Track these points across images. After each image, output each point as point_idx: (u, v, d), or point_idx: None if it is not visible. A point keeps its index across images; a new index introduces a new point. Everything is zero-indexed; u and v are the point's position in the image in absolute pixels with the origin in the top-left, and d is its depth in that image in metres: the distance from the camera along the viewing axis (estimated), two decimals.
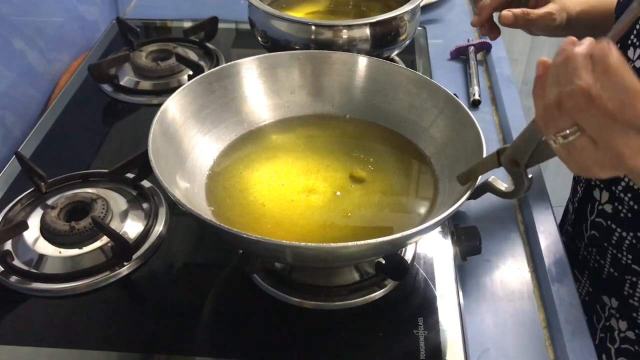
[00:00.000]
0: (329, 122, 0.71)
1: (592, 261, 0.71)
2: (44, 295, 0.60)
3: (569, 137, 0.39)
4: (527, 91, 1.75)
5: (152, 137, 0.56)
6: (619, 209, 0.65)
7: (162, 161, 0.55)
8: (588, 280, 0.73)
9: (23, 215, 0.67)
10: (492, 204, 0.72)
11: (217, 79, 0.67)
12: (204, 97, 0.66)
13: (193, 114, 0.65)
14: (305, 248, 0.47)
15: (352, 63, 0.70)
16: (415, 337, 0.56)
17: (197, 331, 0.57)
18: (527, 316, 0.60)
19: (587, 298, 0.73)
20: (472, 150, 0.58)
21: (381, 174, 0.64)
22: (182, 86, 0.64)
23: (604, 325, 0.71)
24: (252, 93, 0.70)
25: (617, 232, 0.66)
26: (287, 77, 0.71)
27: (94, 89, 0.90)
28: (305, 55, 0.71)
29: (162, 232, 0.66)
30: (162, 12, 1.13)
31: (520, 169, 0.51)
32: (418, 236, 0.51)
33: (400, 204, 0.62)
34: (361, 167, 0.65)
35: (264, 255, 0.56)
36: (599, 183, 0.68)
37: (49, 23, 0.93)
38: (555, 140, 0.40)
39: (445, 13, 1.14)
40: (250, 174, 0.64)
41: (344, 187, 0.62)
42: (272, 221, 0.59)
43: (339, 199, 0.61)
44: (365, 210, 0.60)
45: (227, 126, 0.68)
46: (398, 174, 0.65)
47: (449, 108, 0.64)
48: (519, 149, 0.50)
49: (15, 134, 0.84)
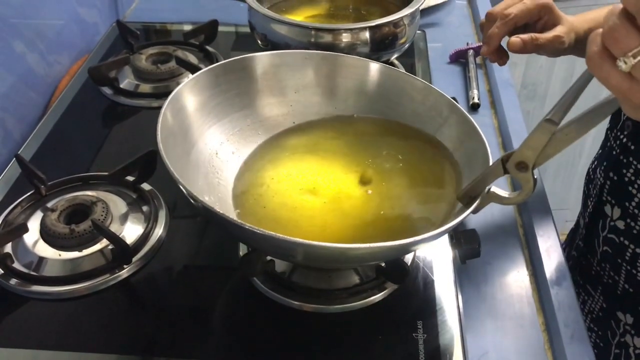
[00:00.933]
0: (334, 125, 0.71)
1: (606, 277, 0.70)
2: (43, 298, 0.60)
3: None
4: (526, 94, 1.76)
5: (160, 129, 0.55)
6: (632, 225, 0.64)
7: (170, 150, 0.54)
8: (602, 295, 0.72)
9: (23, 218, 0.67)
10: (491, 208, 0.72)
11: (225, 72, 0.67)
12: (211, 90, 0.65)
13: (200, 105, 0.64)
14: (317, 247, 0.47)
15: (361, 67, 0.70)
16: (415, 340, 0.56)
17: (196, 334, 0.57)
18: (526, 319, 0.60)
19: (600, 314, 0.73)
20: (477, 161, 0.58)
21: (389, 174, 0.64)
22: (191, 76, 0.63)
23: (619, 341, 0.71)
24: (258, 89, 0.69)
25: (630, 248, 0.65)
26: (294, 76, 0.70)
27: (94, 92, 0.90)
28: (314, 56, 0.71)
29: (162, 235, 0.66)
30: (162, 15, 1.13)
31: (528, 171, 0.51)
32: (424, 243, 0.51)
33: (415, 208, 0.62)
34: (370, 169, 0.65)
35: (274, 254, 0.56)
36: (611, 199, 0.67)
37: (49, 26, 0.93)
38: (625, 61, 0.37)
39: (445, 17, 1.14)
40: (258, 171, 0.64)
41: (349, 191, 0.62)
42: (285, 222, 0.59)
43: (333, 203, 0.61)
44: (374, 216, 0.60)
45: (231, 120, 0.67)
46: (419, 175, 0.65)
47: (454, 118, 0.64)
48: (529, 148, 0.50)
49: (15, 136, 0.84)
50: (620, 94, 0.39)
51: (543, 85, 1.75)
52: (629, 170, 0.64)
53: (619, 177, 0.65)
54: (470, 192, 0.55)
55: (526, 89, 1.76)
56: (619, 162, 0.65)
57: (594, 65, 0.39)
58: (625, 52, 0.37)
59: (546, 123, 0.48)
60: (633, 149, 0.63)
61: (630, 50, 0.37)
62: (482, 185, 0.54)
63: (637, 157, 0.63)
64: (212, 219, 0.52)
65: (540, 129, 0.48)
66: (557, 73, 1.71)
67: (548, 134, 0.48)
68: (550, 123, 0.47)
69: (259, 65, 0.69)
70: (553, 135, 0.48)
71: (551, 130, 0.48)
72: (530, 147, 0.50)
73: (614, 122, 0.68)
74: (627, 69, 0.37)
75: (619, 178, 0.65)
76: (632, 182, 0.63)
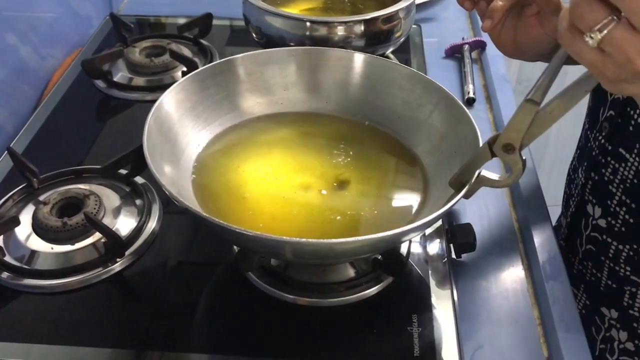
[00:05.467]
0: (322, 119, 0.71)
1: (589, 275, 0.70)
2: (35, 291, 0.59)
3: (607, 27, 0.37)
4: (521, 90, 1.76)
5: (147, 132, 0.56)
6: (613, 223, 0.65)
7: (157, 157, 0.55)
8: (584, 293, 0.73)
9: (15, 211, 0.66)
10: (486, 202, 0.72)
11: (211, 76, 0.67)
12: (198, 94, 0.66)
13: (187, 111, 0.64)
14: (305, 244, 0.47)
15: (347, 59, 0.70)
16: (410, 334, 0.55)
17: (190, 328, 0.57)
18: (521, 313, 0.60)
19: (584, 311, 0.73)
20: (467, 146, 0.58)
21: (368, 171, 0.64)
22: (175, 83, 0.64)
23: (604, 336, 0.71)
24: (246, 89, 0.69)
25: (613, 245, 0.65)
26: (281, 74, 0.70)
27: (87, 85, 0.89)
28: (299, 52, 0.71)
29: (155, 229, 0.66)
30: (156, 9, 1.13)
31: (516, 153, 0.52)
32: (416, 232, 0.52)
33: (390, 202, 0.63)
34: (350, 166, 0.65)
35: (262, 252, 0.56)
36: (592, 198, 0.68)
37: (42, 18, 0.93)
38: (591, 36, 0.38)
39: (440, 11, 1.14)
40: (245, 171, 0.64)
41: (333, 186, 0.62)
42: (267, 217, 0.59)
43: (328, 197, 0.61)
44: (355, 209, 0.60)
45: (221, 123, 0.68)
46: (385, 172, 0.65)
47: (443, 104, 0.64)
48: (514, 130, 0.51)
49: (7, 129, 0.84)
50: (594, 68, 0.39)
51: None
52: (608, 170, 0.64)
53: (600, 177, 0.66)
54: (461, 177, 0.56)
55: (521, 85, 1.76)
56: (599, 162, 0.66)
57: (565, 42, 0.40)
58: (591, 27, 0.37)
59: (527, 103, 0.48)
60: (610, 149, 0.64)
61: (595, 24, 0.37)
62: (472, 169, 0.55)
63: (614, 157, 0.63)
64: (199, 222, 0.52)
65: (522, 110, 0.49)
66: None
67: (531, 114, 0.49)
68: (532, 103, 0.48)
69: (243, 65, 0.69)
70: (536, 114, 0.49)
71: (533, 110, 0.48)
72: (514, 128, 0.50)
73: (592, 124, 0.69)
74: (595, 44, 0.38)
75: (599, 177, 0.66)
76: (612, 181, 0.64)
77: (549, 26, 0.63)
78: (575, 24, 0.39)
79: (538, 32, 0.63)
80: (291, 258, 0.58)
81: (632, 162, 0.61)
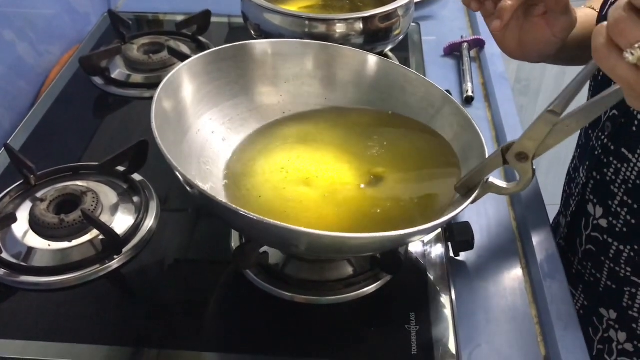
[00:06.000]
0: (327, 115, 0.70)
1: (587, 275, 0.70)
2: (32, 288, 0.59)
3: None
4: (520, 89, 1.76)
5: (154, 115, 0.54)
6: (614, 223, 0.64)
7: (166, 143, 0.53)
8: (582, 294, 0.72)
9: (12, 208, 0.66)
10: (484, 200, 0.72)
11: (217, 60, 0.66)
12: (204, 76, 0.64)
13: (193, 93, 0.63)
14: (323, 237, 0.46)
15: (357, 59, 0.69)
16: (407, 332, 0.55)
17: (187, 325, 0.57)
18: (519, 312, 0.60)
19: (582, 312, 0.73)
20: (472, 153, 0.58)
21: (403, 161, 0.64)
22: (186, 61, 0.62)
23: (602, 337, 0.70)
24: (253, 77, 0.69)
25: (614, 245, 0.65)
26: (288, 66, 0.69)
27: (85, 82, 0.89)
28: (313, 46, 0.70)
29: (153, 226, 0.66)
30: (155, 5, 1.12)
31: (528, 162, 0.52)
32: (424, 234, 0.52)
33: (429, 189, 0.62)
34: (385, 157, 0.64)
35: (274, 244, 0.56)
36: (593, 198, 0.68)
37: (40, 15, 0.92)
38: (632, 53, 0.38)
39: (439, 10, 1.13)
40: (249, 161, 0.63)
41: (370, 179, 0.62)
42: (280, 213, 0.58)
43: (367, 190, 0.61)
44: (395, 199, 0.60)
45: (226, 107, 0.67)
46: (422, 158, 0.64)
47: (447, 110, 0.64)
48: (530, 139, 0.50)
49: (4, 126, 0.83)
50: (626, 85, 0.39)
51: (537, 81, 1.76)
52: (610, 170, 0.64)
53: (601, 177, 0.66)
54: (468, 182, 0.55)
55: (520, 84, 1.76)
56: (601, 162, 0.66)
57: (600, 57, 0.40)
58: (632, 44, 0.37)
59: (549, 114, 0.48)
60: (613, 149, 0.64)
61: (636, 41, 0.37)
62: (480, 175, 0.55)
63: (617, 157, 0.63)
64: (213, 208, 0.51)
65: (542, 120, 0.49)
66: (551, 69, 1.71)
67: (550, 125, 0.49)
68: (553, 114, 0.48)
69: (253, 53, 0.68)
70: (554, 126, 0.48)
71: (553, 122, 0.48)
72: (531, 138, 0.50)
73: (594, 124, 0.68)
74: (634, 61, 0.38)
75: (601, 177, 0.66)
76: (614, 181, 0.64)
77: (557, 27, 0.63)
78: (614, 40, 0.39)
79: (544, 32, 0.63)
80: (303, 251, 0.56)
81: (635, 162, 0.61)
